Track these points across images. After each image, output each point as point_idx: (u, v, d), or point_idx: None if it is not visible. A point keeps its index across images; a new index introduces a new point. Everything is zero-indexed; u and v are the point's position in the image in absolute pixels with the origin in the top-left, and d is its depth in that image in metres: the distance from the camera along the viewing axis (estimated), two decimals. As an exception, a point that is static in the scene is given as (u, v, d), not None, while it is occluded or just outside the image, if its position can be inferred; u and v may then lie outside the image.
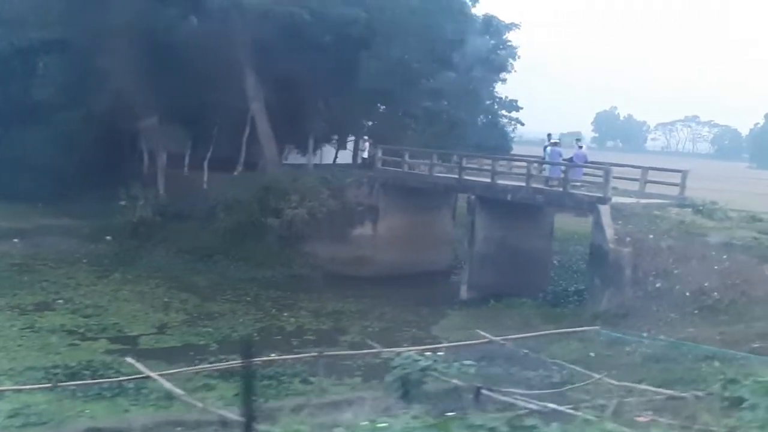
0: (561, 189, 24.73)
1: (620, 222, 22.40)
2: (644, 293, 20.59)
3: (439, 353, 12.57)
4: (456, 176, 27.47)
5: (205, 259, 29.03)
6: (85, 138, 31.49)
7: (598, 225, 22.53)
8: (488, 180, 26.39)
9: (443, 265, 30.46)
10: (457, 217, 31.47)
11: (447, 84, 37.41)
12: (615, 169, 24.71)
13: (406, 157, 29.67)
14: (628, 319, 20.31)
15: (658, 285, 20.42)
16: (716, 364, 16.72)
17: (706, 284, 19.58)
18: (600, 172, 24.72)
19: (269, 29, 27.72)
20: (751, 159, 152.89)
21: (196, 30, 28.84)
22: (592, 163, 27.60)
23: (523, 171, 26.92)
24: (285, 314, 23.24)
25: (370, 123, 36.96)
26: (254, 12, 26.99)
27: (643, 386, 10.59)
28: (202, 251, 29.32)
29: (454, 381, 9.83)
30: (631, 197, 25.14)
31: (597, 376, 12.41)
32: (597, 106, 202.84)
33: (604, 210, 22.51)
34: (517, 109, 66.95)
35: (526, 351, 13.82)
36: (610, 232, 21.86)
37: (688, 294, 19.74)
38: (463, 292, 26.72)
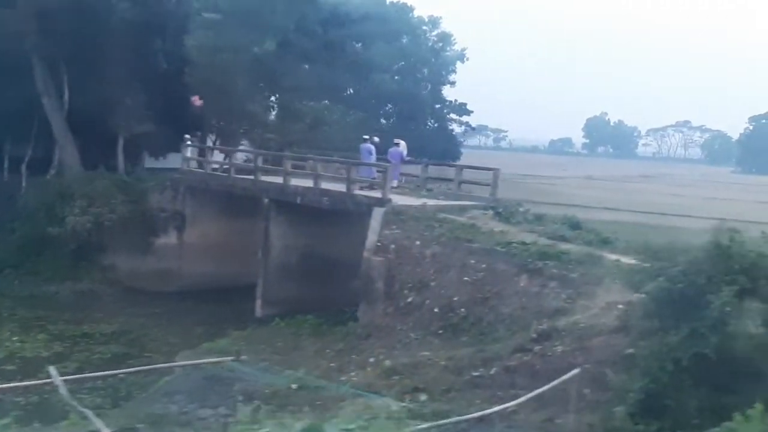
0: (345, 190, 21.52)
1: (394, 227, 19.21)
2: (395, 309, 17.42)
3: None
4: (252, 177, 24.24)
5: (-6, 273, 26.07)
6: None
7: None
8: (281, 181, 23.20)
9: (265, 278, 27.20)
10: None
11: (310, 79, 34.29)
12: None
13: (211, 157, 26.44)
14: (370, 340, 17.20)
15: (410, 300, 17.26)
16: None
17: (455, 299, 16.43)
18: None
19: (50, 17, 24.82)
20: (737, 163, 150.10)
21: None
22: (408, 161, 24.50)
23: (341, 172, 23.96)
24: (15, 338, 20.04)
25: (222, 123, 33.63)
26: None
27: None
28: (-5, 265, 26.37)
29: None
30: (439, 199, 22.09)
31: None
32: (587, 112, 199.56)
33: (376, 213, 19.34)
34: (468, 113, 63.82)
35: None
36: (372, 238, 18.70)
37: (436, 310, 16.61)
38: (258, 309, 23.50)
